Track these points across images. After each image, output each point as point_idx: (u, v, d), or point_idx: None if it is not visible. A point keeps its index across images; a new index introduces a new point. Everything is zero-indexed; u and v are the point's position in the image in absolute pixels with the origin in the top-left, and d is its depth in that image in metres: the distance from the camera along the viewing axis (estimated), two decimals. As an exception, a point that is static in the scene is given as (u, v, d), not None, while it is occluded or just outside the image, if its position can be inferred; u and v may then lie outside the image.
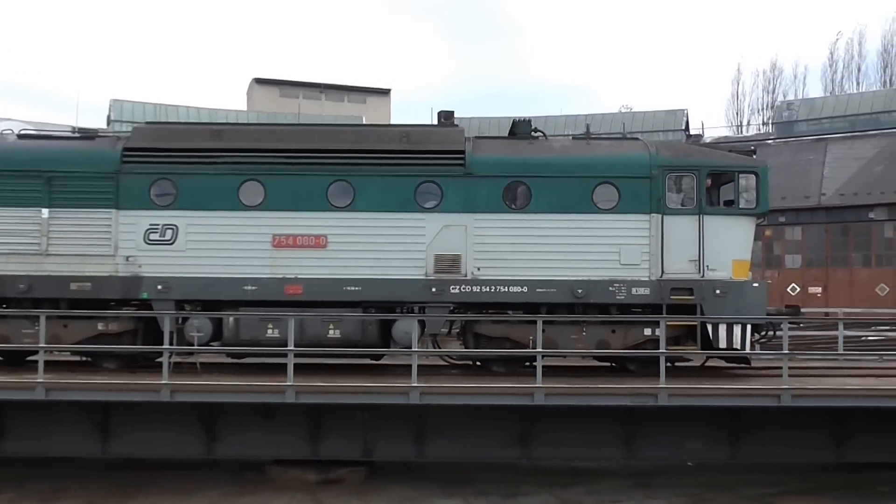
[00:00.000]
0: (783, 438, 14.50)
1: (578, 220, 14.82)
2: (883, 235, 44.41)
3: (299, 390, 13.01)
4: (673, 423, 14.19)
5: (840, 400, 13.54)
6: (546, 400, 13.07)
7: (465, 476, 14.71)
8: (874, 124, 50.75)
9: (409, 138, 15.22)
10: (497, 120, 52.76)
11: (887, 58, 71.27)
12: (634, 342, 14.67)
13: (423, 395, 13.09)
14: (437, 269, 14.73)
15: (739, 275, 14.80)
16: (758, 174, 15.19)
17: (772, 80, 75.78)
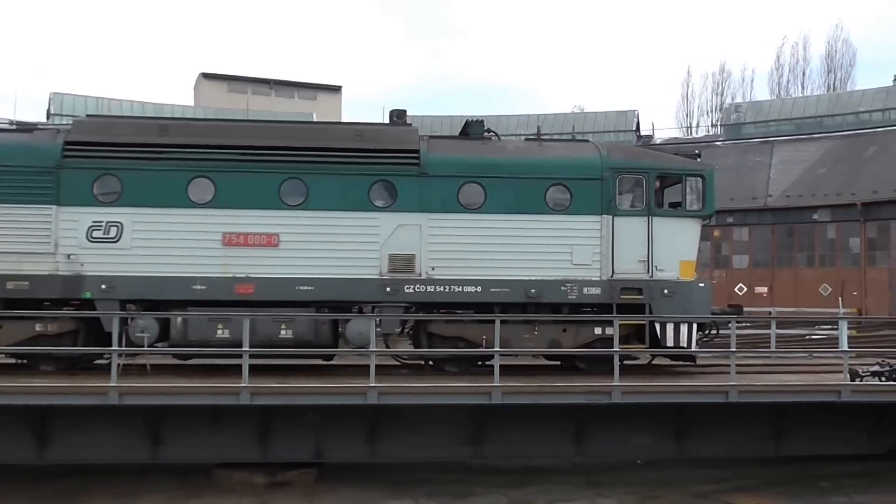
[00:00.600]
0: (726, 433, 14.98)
1: (532, 220, 14.93)
2: (826, 236, 45.41)
3: (254, 391, 12.77)
4: (621, 420, 14.50)
5: (783, 396, 14.09)
6: (504, 399, 13.13)
7: (417, 477, 14.62)
8: (818, 127, 51.89)
9: (363, 137, 15.08)
10: (450, 119, 52.81)
11: (831, 63, 72.91)
12: (585, 341, 14.92)
13: (381, 395, 13.00)
14: (391, 268, 14.64)
15: (686, 275, 15.17)
16: (704, 177, 15.50)
17: (720, 82, 77.09)
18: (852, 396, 13.96)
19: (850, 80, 71.13)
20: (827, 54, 73.28)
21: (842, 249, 44.80)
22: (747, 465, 15.49)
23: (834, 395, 14.01)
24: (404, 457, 14.89)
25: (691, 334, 14.89)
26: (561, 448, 14.93)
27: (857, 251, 44.11)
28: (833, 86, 70.30)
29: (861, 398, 14.15)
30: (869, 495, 13.85)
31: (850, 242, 44.50)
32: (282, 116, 41.90)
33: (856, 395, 14.02)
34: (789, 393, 14.17)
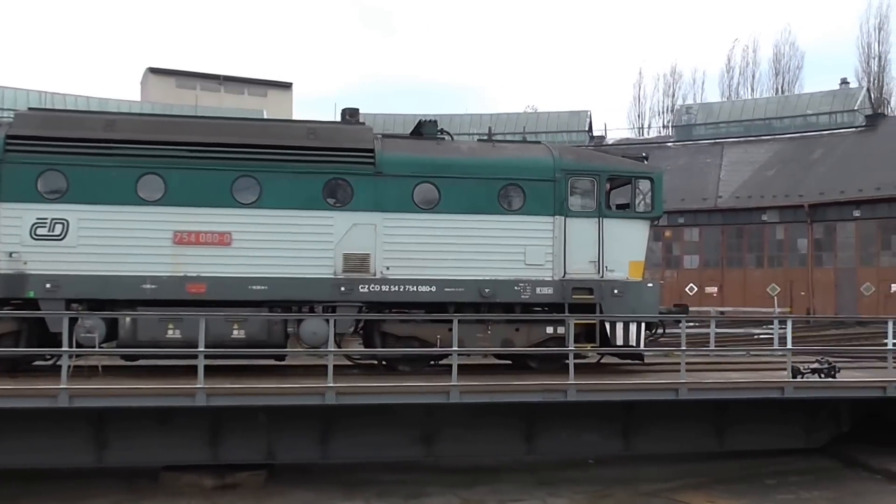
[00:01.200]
0: (671, 430, 15.49)
1: (486, 220, 15.01)
2: (775, 237, 46.21)
3: (211, 392, 12.57)
4: (571, 418, 14.84)
5: (731, 393, 14.57)
6: (462, 398, 13.20)
7: (369, 477, 14.54)
8: (767, 130, 52.82)
9: (317, 135, 14.95)
10: (402, 117, 52.67)
11: (779, 66, 74.20)
12: (537, 340, 15.06)
13: (339, 395, 12.93)
14: (345, 268, 14.55)
15: (635, 275, 15.45)
16: (653, 179, 15.82)
17: (672, 84, 78.11)
18: (795, 393, 14.48)
19: (798, 84, 72.53)
20: (775, 57, 74.64)
21: (789, 250, 45.64)
22: (695, 462, 15.68)
23: (777, 391, 14.51)
24: (357, 457, 14.87)
25: (640, 333, 15.16)
26: (512, 446, 15.17)
27: (805, 252, 44.95)
28: (781, 89, 71.55)
29: (803, 394, 14.66)
30: (814, 492, 14.10)
31: (797, 243, 45.34)
32: (231, 113, 41.50)
33: (798, 391, 14.54)
34: (737, 390, 14.62)
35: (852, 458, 15.83)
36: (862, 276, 43.05)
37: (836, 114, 51.60)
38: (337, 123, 16.20)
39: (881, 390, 14.83)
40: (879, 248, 43.11)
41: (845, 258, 43.84)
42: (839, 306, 42.81)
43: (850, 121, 50.83)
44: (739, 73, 75.81)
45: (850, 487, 14.45)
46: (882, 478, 14.78)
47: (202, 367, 12.55)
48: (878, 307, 41.03)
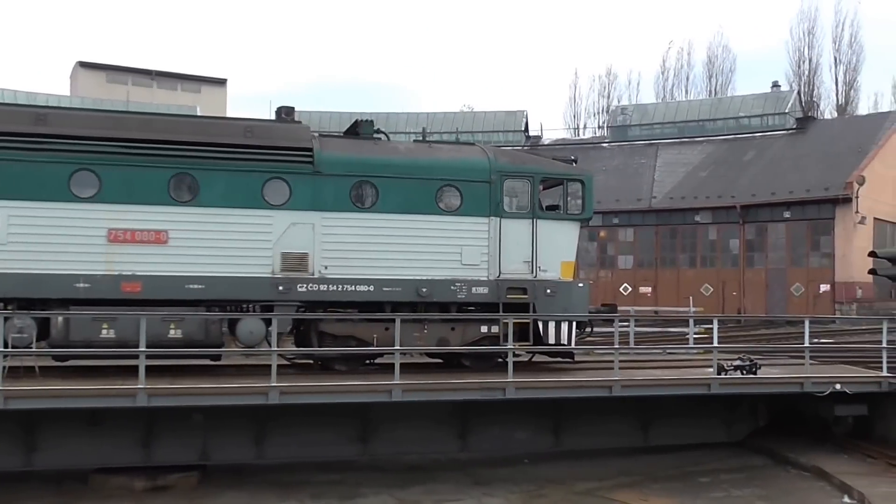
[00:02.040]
0: (599, 426, 16.17)
1: (423, 220, 15.10)
2: (707, 238, 47.11)
3: (151, 393, 12.31)
4: (503, 415, 15.21)
5: (661, 389, 15.13)
6: (403, 396, 13.30)
7: (304, 478, 14.43)
8: (701, 131, 53.80)
9: (254, 133, 14.72)
10: (338, 115, 52.30)
11: (712, 68, 75.70)
12: (472, 339, 15.26)
13: (283, 394, 12.84)
14: (283, 267, 14.40)
15: (566, 275, 15.78)
16: (584, 182, 16.16)
17: (607, 85, 78.99)
18: (720, 389, 15.09)
19: (731, 86, 74.10)
20: (709, 60, 76.14)
21: (722, 250, 46.58)
22: (629, 460, 15.96)
23: (704, 387, 15.08)
24: (292, 457, 14.83)
25: (571, 332, 15.49)
26: (447, 444, 15.47)
27: (737, 252, 45.91)
28: (715, 91, 73.01)
29: (727, 390, 15.31)
30: (745, 489, 14.37)
31: (729, 244, 46.28)
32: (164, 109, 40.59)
33: (724, 387, 15.17)
34: (666, 386, 15.17)
35: (783, 456, 16.20)
36: (792, 276, 44.17)
37: (767, 116, 52.83)
38: (274, 122, 15.98)
39: (799, 386, 15.53)
40: (809, 248, 44.27)
41: (776, 259, 44.92)
42: (770, 306, 43.81)
43: (781, 123, 52.09)
44: (674, 74, 77.19)
45: (780, 485, 14.75)
46: (810, 475, 15.11)
47: (143, 367, 12.28)
48: (807, 307, 42.14)
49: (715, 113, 54.81)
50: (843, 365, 18.18)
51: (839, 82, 71.97)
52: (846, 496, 13.67)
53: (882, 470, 14.80)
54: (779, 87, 58.02)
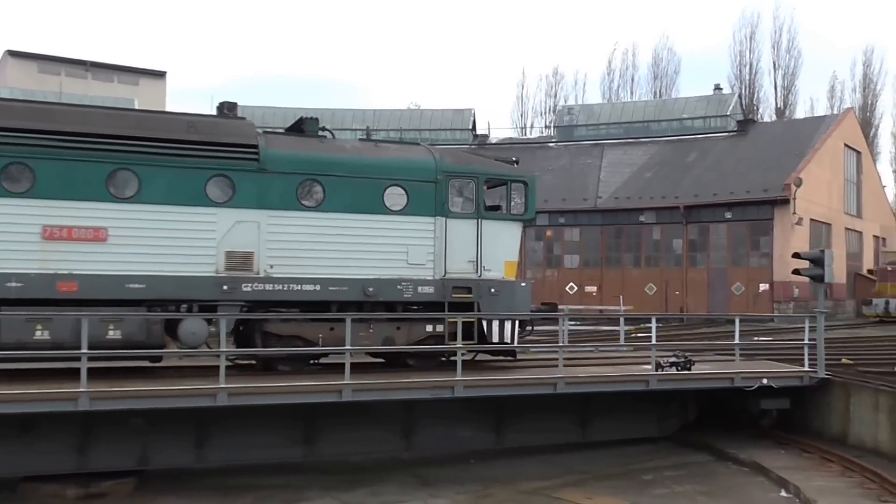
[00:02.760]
0: (540, 423, 16.36)
1: (370, 220, 15.03)
2: (651, 238, 47.68)
3: (94, 396, 11.92)
4: (447, 414, 15.27)
5: (603, 386, 15.67)
6: (354, 396, 13.28)
7: (247, 482, 14.16)
8: (645, 132, 54.46)
9: (197, 128, 14.36)
10: (283, 111, 51.75)
11: (657, 70, 76.75)
12: (417, 338, 15.28)
13: (231, 395, 12.61)
14: (228, 266, 14.12)
15: (509, 275, 15.95)
16: (527, 183, 16.34)
17: (554, 85, 79.70)
18: (658, 385, 15.67)
19: (675, 88, 75.34)
20: (654, 62, 77.25)
21: (666, 250, 47.19)
22: (573, 459, 16.05)
23: (643, 384, 15.66)
24: (235, 460, 14.55)
25: (514, 330, 15.65)
26: (391, 444, 15.45)
27: (680, 252, 46.57)
28: (659, 92, 74.10)
29: (664, 386, 15.86)
30: (687, 485, 14.52)
31: (673, 244, 46.92)
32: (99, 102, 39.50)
33: (661, 383, 15.73)
34: (608, 383, 15.72)
35: (723, 452, 16.46)
36: (733, 276, 44.93)
37: (709, 118, 53.70)
38: (217, 117, 15.62)
39: (729, 381, 16.33)
40: (749, 249, 45.08)
41: (718, 258, 45.66)
42: (712, 305, 44.52)
43: (722, 125, 52.99)
44: (619, 75, 78.18)
45: (720, 480, 14.95)
46: (749, 470, 15.38)
47: (85, 370, 11.90)
48: (747, 306, 42.93)
49: (659, 114, 55.52)
50: (768, 361, 19.08)
51: (778, 86, 73.78)
52: (783, 490, 13.99)
53: (817, 464, 15.18)
54: (721, 90, 59.08)
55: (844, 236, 50.63)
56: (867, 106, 75.30)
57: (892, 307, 42.82)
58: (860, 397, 16.23)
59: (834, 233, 48.78)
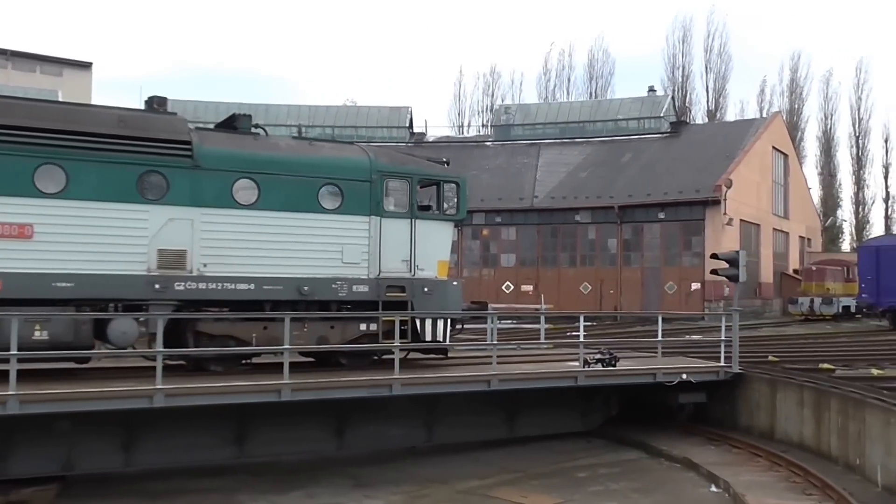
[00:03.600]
0: (469, 420, 16.53)
1: (305, 219, 14.94)
2: (587, 237, 48.23)
3: (23, 399, 11.47)
4: (380, 411, 15.34)
5: (534, 382, 16.01)
6: (293, 395, 13.26)
7: (176, 486, 13.82)
8: (581, 132, 55.03)
9: (128, 123, 13.96)
10: (214, 105, 50.96)
11: (593, 71, 77.69)
12: (351, 337, 15.27)
13: (168, 396, 12.35)
14: (160, 264, 13.80)
15: (442, 274, 16.12)
16: (458, 184, 16.54)
17: (491, 84, 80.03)
18: (586, 381, 16.20)
19: (610, 89, 76.36)
20: (589, 63, 78.16)
21: (601, 250, 47.77)
22: (509, 458, 16.11)
23: (572, 380, 16.13)
24: (165, 462, 14.23)
25: (446, 329, 15.79)
26: (324, 443, 15.44)
27: (614, 251, 47.19)
28: (595, 93, 75.03)
29: (592, 382, 16.44)
30: (621, 482, 14.66)
31: (608, 243, 47.53)
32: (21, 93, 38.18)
33: (589, 379, 16.27)
34: (539, 379, 16.09)
35: (655, 449, 16.67)
36: (666, 275, 45.73)
37: (643, 119, 54.52)
38: (148, 112, 15.23)
39: (652, 376, 16.94)
40: (681, 248, 45.93)
41: (651, 258, 46.41)
42: (645, 303, 45.23)
43: (656, 127, 53.85)
44: (556, 75, 78.94)
45: (653, 477, 15.15)
46: (681, 466, 15.62)
47: (14, 372, 11.43)
48: (680, 304, 43.75)
49: (595, 115, 56.15)
50: (685, 357, 19.87)
51: (709, 89, 75.44)
52: (713, 485, 14.22)
53: (746, 459, 15.50)
54: (655, 92, 60.05)
55: (772, 237, 51.99)
56: (794, 110, 77.50)
57: (816, 306, 44.07)
58: (786, 393, 16.64)
59: (762, 233, 50.04)
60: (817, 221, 65.17)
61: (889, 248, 37.86)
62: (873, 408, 13.83)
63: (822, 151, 78.94)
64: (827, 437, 15.29)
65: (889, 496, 12.72)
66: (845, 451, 14.61)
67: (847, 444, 14.57)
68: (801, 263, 55.00)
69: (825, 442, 15.32)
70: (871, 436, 13.72)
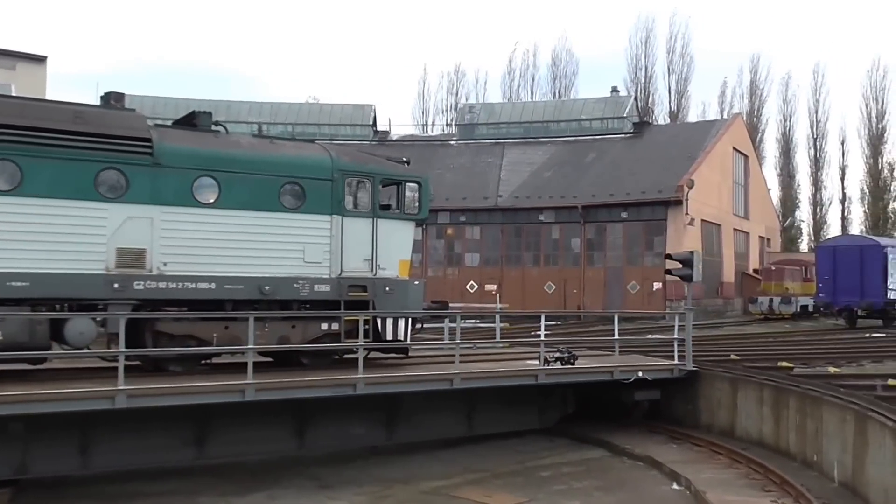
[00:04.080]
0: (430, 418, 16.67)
1: (266, 218, 14.83)
2: (551, 237, 48.40)
3: None
4: (340, 411, 15.34)
5: (495, 381, 16.31)
6: (257, 395, 13.23)
7: (134, 489, 13.63)
8: (545, 132, 55.20)
9: (85, 119, 13.68)
10: (174, 101, 50.39)
11: (557, 71, 77.97)
12: (312, 337, 15.20)
13: (130, 397, 12.18)
14: (119, 263, 13.55)
15: (403, 273, 16.15)
16: (420, 184, 16.58)
17: (455, 82, 79.90)
18: (547, 378, 16.53)
19: (574, 89, 76.64)
20: (553, 63, 78.43)
21: (564, 249, 47.96)
22: (473, 457, 16.15)
23: (532, 378, 16.47)
24: (123, 464, 14.03)
25: (407, 328, 15.86)
26: (285, 442, 15.39)
27: (578, 251, 47.41)
28: (559, 93, 75.29)
29: (552, 380, 16.77)
30: (584, 481, 14.74)
31: (571, 243, 47.74)
32: (-31, 85, 37.28)
33: (549, 377, 16.60)
34: (501, 378, 16.44)
35: (619, 447, 16.79)
36: (629, 274, 46.03)
37: (607, 120, 54.84)
38: (106, 108, 14.96)
39: (609, 374, 17.32)
40: (644, 248, 46.27)
41: (614, 258, 46.70)
42: (608, 303, 45.47)
43: (619, 127, 54.20)
44: (520, 75, 79.02)
45: (616, 475, 15.26)
46: (643, 464, 15.75)
47: None
48: (642, 304, 44.07)
49: (559, 115, 56.37)
50: (640, 355, 20.23)
51: (672, 90, 76.06)
52: (675, 483, 14.37)
53: (707, 457, 15.70)
54: (618, 93, 60.43)
55: (733, 237, 52.59)
56: (754, 111, 78.38)
57: (776, 305, 44.66)
58: (746, 392, 16.84)
59: (723, 233, 50.62)
60: (777, 222, 66.07)
61: (845, 249, 38.48)
62: (830, 405, 14.05)
63: (781, 153, 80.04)
64: (786, 434, 15.51)
65: (845, 492, 12.94)
66: (803, 447, 14.83)
67: (805, 440, 14.79)
68: (761, 263, 55.71)
69: (784, 439, 15.54)
70: (827, 433, 13.95)
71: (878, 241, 40.26)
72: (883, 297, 36.53)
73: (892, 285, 36.99)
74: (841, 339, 30.13)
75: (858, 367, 20.74)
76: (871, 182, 76.91)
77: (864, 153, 77.32)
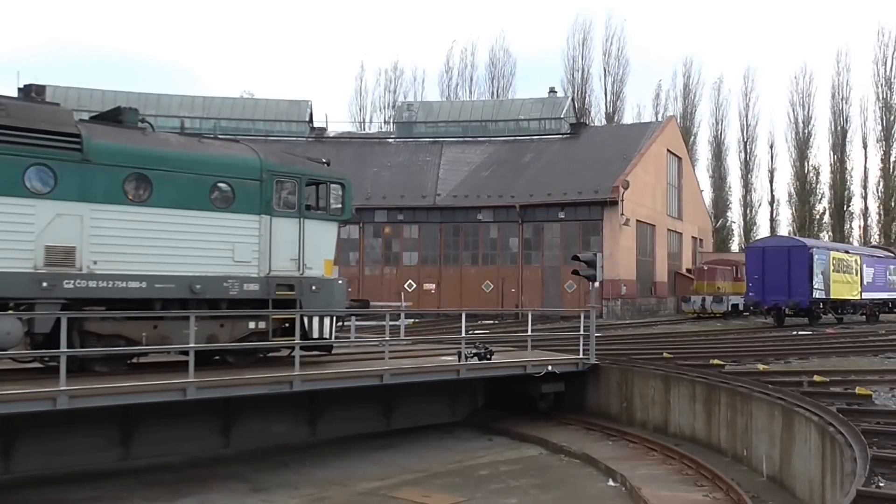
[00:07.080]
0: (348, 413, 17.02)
1: (196, 216, 14.78)
2: (489, 236, 48.55)
3: None
4: (263, 409, 15.64)
5: (420, 375, 16.87)
6: (198, 393, 13.27)
7: (55, 496, 13.19)
8: (483, 131, 55.35)
9: (9, 112, 13.18)
10: (101, 93, 49.20)
11: (494, 70, 78.29)
12: (240, 335, 15.27)
13: (72, 398, 11.95)
14: (47, 261, 13.15)
15: (328, 273, 16.43)
16: (345, 185, 16.94)
17: (393, 80, 79.64)
18: (467, 373, 17.26)
19: (512, 89, 77.03)
20: (491, 62, 78.72)
21: (502, 248, 48.18)
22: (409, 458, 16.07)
23: (454, 373, 17.14)
24: (46, 468, 13.68)
25: (332, 326, 16.18)
26: (210, 441, 15.41)
27: (516, 250, 47.67)
28: (497, 93, 75.59)
29: (472, 374, 17.45)
30: (522, 480, 14.77)
31: (509, 242, 47.98)
32: None
33: (470, 371, 17.31)
34: (427, 373, 17.04)
35: (556, 445, 16.89)
36: (566, 273, 46.35)
37: (544, 120, 55.24)
38: (31, 102, 14.44)
39: (522, 368, 18.25)
40: (581, 248, 46.54)
41: (551, 257, 47.06)
42: (546, 302, 45.81)
43: (556, 128, 54.66)
44: (458, 74, 79.17)
45: (553, 473, 15.34)
46: (580, 461, 15.88)
47: None
48: (579, 302, 44.40)
49: (497, 114, 56.57)
50: (544, 351, 21.13)
51: (608, 92, 77.04)
52: (611, 479, 14.53)
53: (641, 453, 15.88)
54: (555, 93, 60.88)
55: (667, 237, 53.50)
56: (687, 114, 79.87)
57: (708, 304, 45.55)
58: (679, 389, 17.09)
59: (657, 233, 51.45)
60: (709, 222, 67.43)
61: (774, 249, 39.43)
62: (759, 401, 14.37)
63: (713, 155, 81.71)
64: (717, 430, 15.79)
65: (773, 485, 13.23)
66: (734, 443, 15.12)
67: (735, 436, 15.08)
68: (693, 263, 56.79)
69: (715, 435, 15.82)
70: (756, 428, 14.25)
71: (805, 242, 41.38)
72: (809, 296, 37.55)
73: (817, 285, 38.05)
74: (769, 337, 30.83)
75: (786, 364, 21.22)
76: (798, 185, 79.05)
77: (792, 157, 79.54)
